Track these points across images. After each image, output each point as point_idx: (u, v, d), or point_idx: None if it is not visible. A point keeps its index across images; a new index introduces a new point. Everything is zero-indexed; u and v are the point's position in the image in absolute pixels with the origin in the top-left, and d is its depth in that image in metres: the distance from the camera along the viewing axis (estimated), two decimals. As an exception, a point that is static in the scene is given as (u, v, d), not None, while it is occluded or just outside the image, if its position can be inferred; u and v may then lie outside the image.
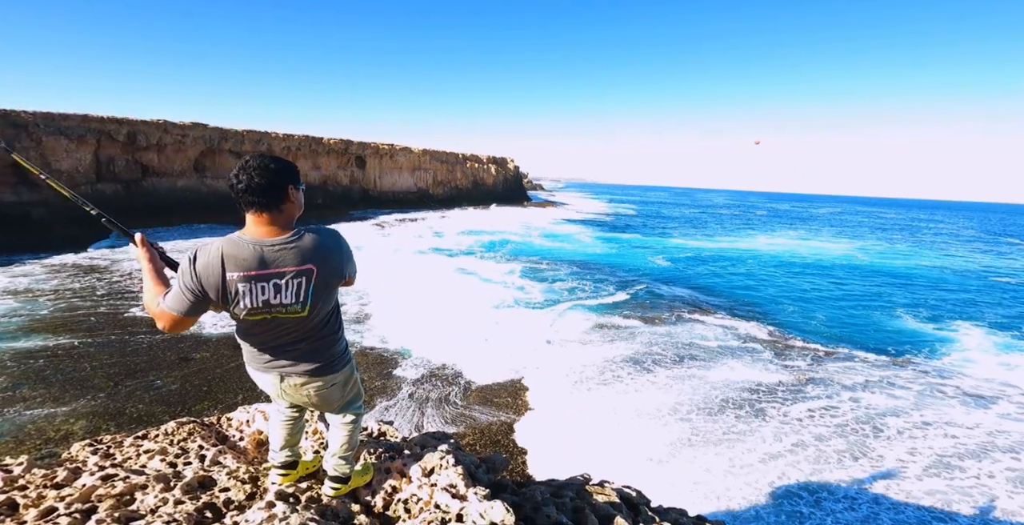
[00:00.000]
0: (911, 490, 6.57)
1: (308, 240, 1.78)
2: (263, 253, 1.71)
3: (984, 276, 25.92)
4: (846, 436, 7.88)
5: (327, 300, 1.87)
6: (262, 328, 1.83)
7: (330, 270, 1.81)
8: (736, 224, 56.09)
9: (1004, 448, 7.71)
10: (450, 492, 2.04)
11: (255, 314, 1.76)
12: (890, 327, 15.22)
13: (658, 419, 8.12)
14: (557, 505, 2.46)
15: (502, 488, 2.68)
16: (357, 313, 13.06)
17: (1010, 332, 15.02)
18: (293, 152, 37.53)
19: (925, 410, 9.01)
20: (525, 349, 10.99)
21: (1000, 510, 6.24)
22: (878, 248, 37.36)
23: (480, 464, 2.80)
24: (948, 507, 6.27)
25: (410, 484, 2.16)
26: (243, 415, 2.90)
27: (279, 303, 1.75)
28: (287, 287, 1.74)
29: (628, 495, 2.70)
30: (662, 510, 2.72)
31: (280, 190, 1.76)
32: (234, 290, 1.70)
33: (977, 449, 7.66)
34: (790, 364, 11.03)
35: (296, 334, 1.86)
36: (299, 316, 1.79)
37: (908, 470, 7.04)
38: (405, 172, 49.90)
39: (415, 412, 8.13)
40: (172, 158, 29.60)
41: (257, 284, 1.71)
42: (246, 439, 2.71)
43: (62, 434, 6.79)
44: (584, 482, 2.80)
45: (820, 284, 21.73)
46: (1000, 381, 10.64)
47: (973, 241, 47.13)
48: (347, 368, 2.03)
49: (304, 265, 1.75)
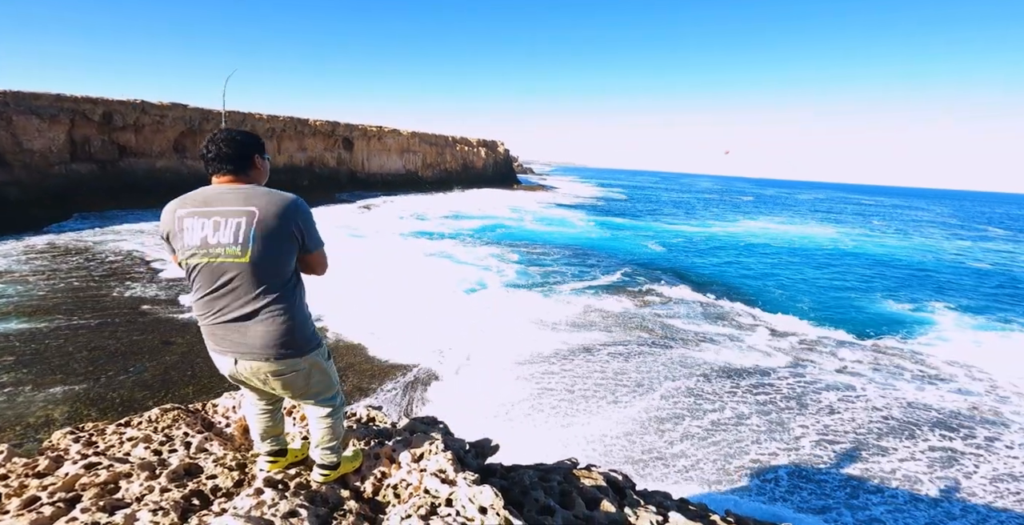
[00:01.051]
0: (821, 465, 6.86)
1: (259, 189, 1.80)
2: (211, 194, 1.78)
3: (960, 261, 26.72)
4: (770, 413, 8.14)
5: (273, 252, 1.75)
6: (206, 279, 1.75)
7: (275, 218, 1.73)
8: (724, 209, 56.61)
9: (931, 424, 8.10)
10: (439, 477, 2.05)
11: (196, 255, 1.74)
12: (870, 309, 15.71)
13: (637, 393, 8.30)
14: (545, 489, 2.49)
15: (491, 472, 2.72)
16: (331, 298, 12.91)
17: (983, 315, 15.64)
18: (278, 133, 36.64)
19: (870, 387, 9.39)
20: (514, 336, 11.07)
21: (891, 482, 6.54)
22: (860, 234, 38.13)
23: (469, 449, 2.82)
24: (848, 479, 6.57)
25: (399, 469, 2.16)
26: (229, 401, 2.87)
27: (216, 242, 1.71)
28: (225, 226, 1.71)
29: (614, 478, 2.75)
30: (647, 493, 2.79)
31: (247, 159, 1.86)
32: (178, 227, 1.76)
33: (899, 426, 8.00)
34: (773, 346, 11.30)
35: (243, 293, 1.75)
36: (239, 260, 1.71)
37: (823, 447, 7.31)
38: (394, 154, 49.11)
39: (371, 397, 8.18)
40: (151, 138, 28.74)
41: (198, 220, 1.73)
42: (232, 426, 2.69)
43: (42, 420, 6.69)
44: (571, 466, 2.85)
45: (805, 268, 22.29)
46: (962, 363, 11.06)
47: (949, 227, 48.30)
48: (314, 354, 1.91)
49: (246, 206, 1.73)
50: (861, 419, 8.14)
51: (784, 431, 7.63)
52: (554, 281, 16.20)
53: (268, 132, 35.68)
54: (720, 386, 9.02)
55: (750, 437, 7.39)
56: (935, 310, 15.79)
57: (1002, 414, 8.61)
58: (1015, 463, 7.11)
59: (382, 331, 10.64)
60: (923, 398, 9.08)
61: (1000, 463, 7.09)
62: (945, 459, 7.12)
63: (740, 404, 8.38)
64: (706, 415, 7.94)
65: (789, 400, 8.65)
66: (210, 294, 1.77)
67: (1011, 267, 25.52)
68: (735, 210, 56.00)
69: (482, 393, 8.25)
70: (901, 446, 7.41)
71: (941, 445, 7.48)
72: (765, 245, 29.09)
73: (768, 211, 57.06)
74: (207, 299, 1.78)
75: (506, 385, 8.56)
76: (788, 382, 9.36)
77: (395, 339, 10.26)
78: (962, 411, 8.62)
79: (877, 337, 12.69)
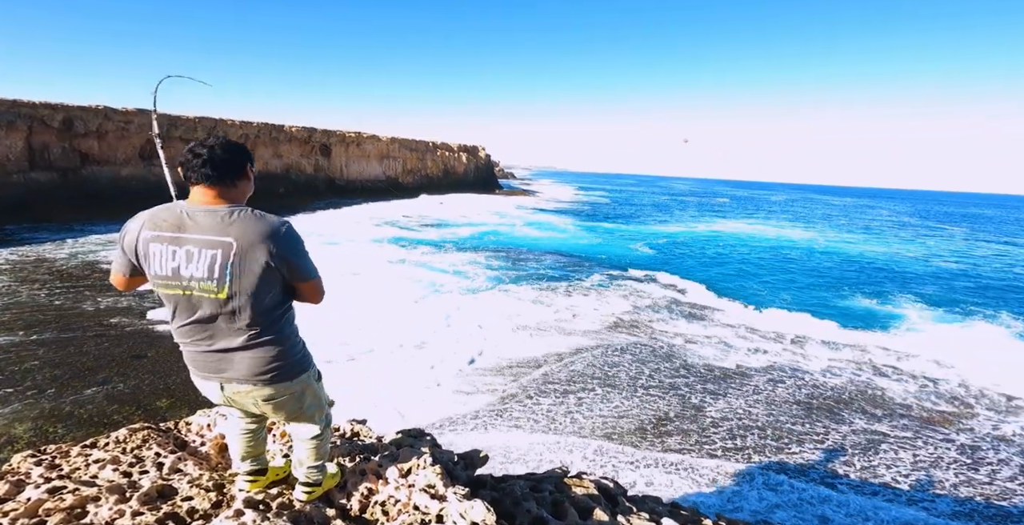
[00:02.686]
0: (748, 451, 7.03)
1: (242, 214, 1.61)
2: (186, 216, 1.60)
3: (925, 258, 27.90)
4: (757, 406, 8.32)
5: (252, 288, 1.60)
6: (183, 310, 1.64)
7: (254, 251, 1.57)
8: (703, 211, 57.91)
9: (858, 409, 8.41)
10: (429, 492, 1.99)
11: (168, 286, 1.60)
12: (842, 305, 16.35)
13: (625, 390, 8.33)
14: (537, 499, 2.45)
15: (481, 484, 2.66)
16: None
17: (945, 307, 16.46)
18: (252, 139, 35.89)
19: (813, 374, 9.87)
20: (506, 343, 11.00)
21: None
22: (831, 233, 39.43)
23: (458, 461, 2.76)
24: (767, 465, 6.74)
25: (387, 485, 2.09)
26: (203, 419, 2.74)
27: (190, 275, 1.57)
28: (198, 257, 1.56)
29: (605, 486, 2.72)
30: (638, 499, 2.77)
31: (239, 166, 1.73)
32: (145, 251, 1.60)
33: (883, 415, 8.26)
34: (756, 343, 11.52)
35: (225, 327, 1.64)
36: (216, 297, 1.58)
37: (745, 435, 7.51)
38: (373, 160, 48.62)
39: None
40: (115, 145, 27.79)
41: (168, 247, 1.57)
42: (208, 444, 2.57)
43: (4, 439, 6.33)
44: (562, 475, 2.81)
45: (784, 266, 23.15)
46: (929, 354, 11.53)
47: (911, 227, 50.28)
48: (305, 377, 1.84)
49: (222, 236, 1.56)
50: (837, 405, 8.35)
51: (783, 430, 7.75)
52: (547, 286, 16.19)
53: (242, 138, 34.88)
54: (705, 383, 9.13)
55: (734, 432, 7.49)
56: (901, 304, 16.57)
57: (969, 403, 8.97)
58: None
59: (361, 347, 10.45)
60: (888, 387, 9.42)
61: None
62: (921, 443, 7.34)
63: (727, 400, 8.49)
64: (694, 411, 8.02)
65: (793, 395, 8.81)
66: (190, 324, 1.66)
67: (972, 263, 26.75)
68: (713, 212, 57.19)
69: (473, 395, 8.16)
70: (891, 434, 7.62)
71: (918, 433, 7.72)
72: (743, 244, 30.05)
73: (744, 212, 58.41)
74: (187, 328, 1.68)
75: (479, 394, 8.49)
76: (775, 379, 9.54)
77: (382, 359, 10.10)
78: (930, 399, 8.94)
79: (852, 329, 13.30)
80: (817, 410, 8.51)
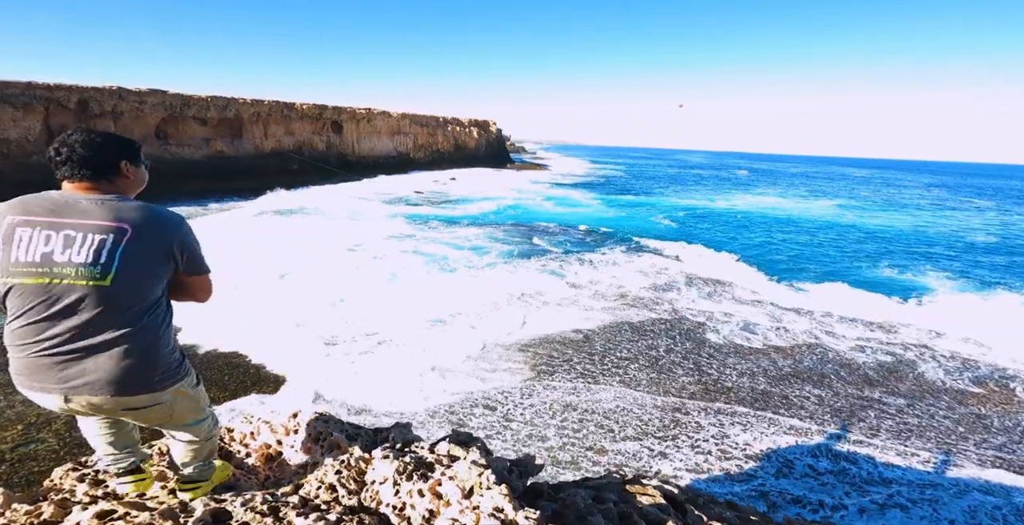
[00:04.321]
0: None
1: (131, 202, 1.53)
2: (63, 202, 1.46)
3: (951, 232, 27.02)
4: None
5: (142, 277, 1.48)
6: (38, 303, 1.40)
7: (151, 238, 1.48)
8: (722, 184, 56.58)
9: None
10: (497, 518, 1.83)
11: (30, 274, 1.38)
12: (868, 276, 16.24)
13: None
14: (602, 512, 2.30)
15: (538, 493, 2.51)
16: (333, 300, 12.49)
17: (968, 278, 16.39)
18: (264, 118, 35.57)
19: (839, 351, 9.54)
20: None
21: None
22: (855, 206, 38.24)
23: (512, 469, 2.62)
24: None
25: (449, 507, 1.94)
26: (245, 427, 2.62)
27: (67, 261, 1.38)
28: (84, 242, 1.39)
29: (671, 493, 2.57)
30: (705, 505, 2.61)
31: (108, 166, 1.56)
32: (7, 237, 1.39)
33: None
34: (786, 317, 11.23)
35: (93, 322, 1.43)
36: (97, 284, 1.41)
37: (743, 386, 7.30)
38: (384, 136, 48.00)
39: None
40: (130, 126, 27.76)
41: (41, 232, 1.39)
42: (253, 455, 2.45)
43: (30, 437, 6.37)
44: (621, 480, 2.66)
45: (807, 239, 22.83)
46: (953, 327, 11.26)
47: (937, 200, 48.42)
48: (177, 386, 1.66)
49: (113, 222, 1.44)
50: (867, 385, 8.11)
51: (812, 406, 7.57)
52: (571, 258, 15.92)
53: (253, 117, 34.61)
54: (723, 359, 8.94)
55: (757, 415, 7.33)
56: (928, 275, 16.52)
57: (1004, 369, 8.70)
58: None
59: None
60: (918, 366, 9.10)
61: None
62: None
63: (741, 376, 8.31)
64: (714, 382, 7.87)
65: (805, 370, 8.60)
66: (41, 321, 1.41)
67: (1006, 236, 25.74)
68: (733, 185, 55.80)
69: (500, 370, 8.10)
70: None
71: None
72: (764, 217, 29.53)
73: (764, 185, 56.82)
74: (33, 326, 1.42)
75: (499, 373, 8.40)
76: (802, 356, 9.31)
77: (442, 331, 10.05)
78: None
79: (876, 302, 13.11)
80: (848, 382, 8.29)
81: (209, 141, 32.20)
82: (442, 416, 6.96)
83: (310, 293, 11.64)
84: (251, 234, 17.94)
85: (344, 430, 2.48)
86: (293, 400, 7.10)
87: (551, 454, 6.17)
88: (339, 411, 6.87)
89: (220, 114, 32.27)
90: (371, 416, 6.90)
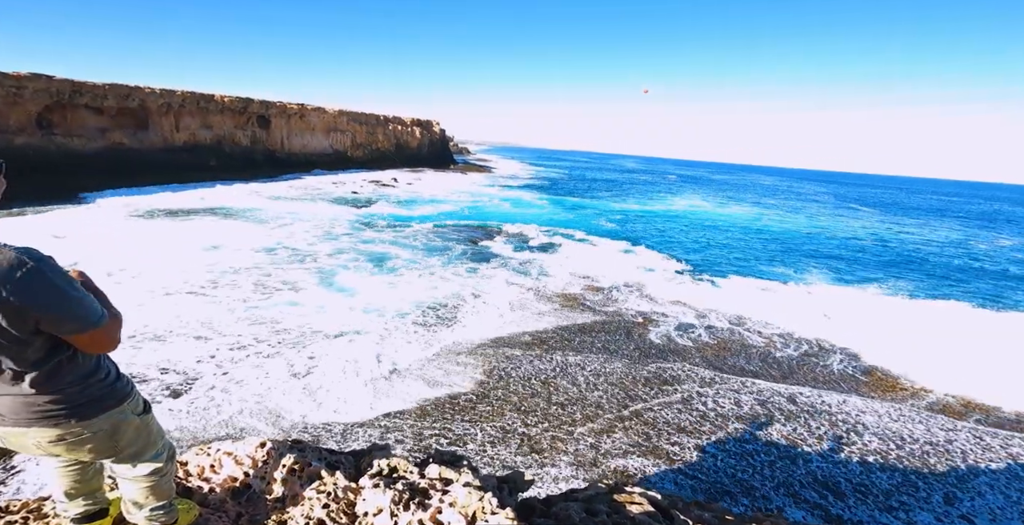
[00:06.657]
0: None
1: None
2: None
3: (841, 234, 30.98)
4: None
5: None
6: None
7: None
8: (655, 189, 59.76)
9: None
10: (506, 544, 1.76)
11: None
12: (761, 269, 18.98)
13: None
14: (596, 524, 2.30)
15: (531, 510, 2.47)
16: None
17: (841, 273, 19.40)
18: (175, 109, 32.58)
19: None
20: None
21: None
22: (763, 211, 42.42)
23: (502, 485, 2.55)
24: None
25: (452, 536, 1.85)
26: (203, 459, 2.34)
27: None
28: None
29: (656, 499, 2.62)
30: (691, 511, 2.69)
31: None
32: None
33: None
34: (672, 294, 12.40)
35: None
36: None
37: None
38: (319, 133, 45.69)
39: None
40: (5, 113, 24.39)
41: None
42: (218, 489, 2.19)
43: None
44: (609, 490, 2.68)
45: (720, 237, 26.15)
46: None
47: (831, 206, 54.38)
48: (113, 413, 1.47)
49: None
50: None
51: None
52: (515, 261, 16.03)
53: (163, 108, 31.60)
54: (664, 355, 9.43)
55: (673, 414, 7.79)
56: (811, 270, 19.43)
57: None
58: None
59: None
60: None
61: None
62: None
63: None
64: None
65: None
66: None
67: (879, 238, 29.69)
68: (664, 190, 59.06)
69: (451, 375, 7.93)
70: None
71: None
72: (690, 220, 32.52)
73: (692, 191, 60.63)
74: None
75: (453, 376, 8.29)
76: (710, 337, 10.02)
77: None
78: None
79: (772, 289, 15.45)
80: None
81: (105, 132, 28.96)
82: (393, 427, 6.69)
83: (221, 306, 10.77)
84: (130, 236, 16.23)
85: (323, 458, 2.28)
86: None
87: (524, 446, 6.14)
88: (288, 428, 6.40)
89: (120, 103, 29.18)
90: (324, 430, 6.49)
